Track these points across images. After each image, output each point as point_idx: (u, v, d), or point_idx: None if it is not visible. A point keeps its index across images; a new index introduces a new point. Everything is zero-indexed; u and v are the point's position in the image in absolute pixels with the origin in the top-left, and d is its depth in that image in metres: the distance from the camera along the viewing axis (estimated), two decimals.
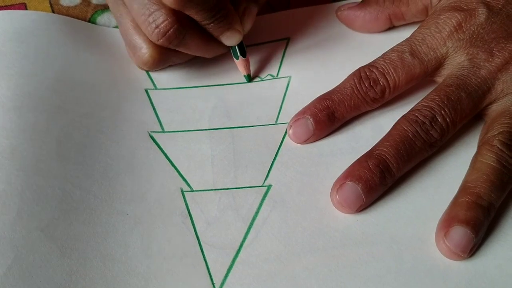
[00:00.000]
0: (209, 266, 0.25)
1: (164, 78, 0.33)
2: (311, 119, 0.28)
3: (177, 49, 0.29)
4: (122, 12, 0.30)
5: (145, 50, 0.30)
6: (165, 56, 0.30)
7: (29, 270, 0.24)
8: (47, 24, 0.33)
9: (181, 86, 0.33)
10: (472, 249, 0.24)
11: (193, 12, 0.28)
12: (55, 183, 0.27)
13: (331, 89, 0.29)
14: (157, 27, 0.28)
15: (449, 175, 0.27)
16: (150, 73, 0.33)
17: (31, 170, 0.27)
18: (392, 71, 0.28)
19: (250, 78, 0.32)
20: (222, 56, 0.33)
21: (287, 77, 0.32)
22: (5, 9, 0.35)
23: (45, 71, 0.31)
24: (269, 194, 0.27)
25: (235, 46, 0.31)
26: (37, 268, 0.24)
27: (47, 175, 0.27)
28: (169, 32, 0.28)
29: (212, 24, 0.29)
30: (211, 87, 0.32)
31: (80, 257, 0.24)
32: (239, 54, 0.31)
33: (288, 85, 0.32)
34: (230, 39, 0.30)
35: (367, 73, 0.29)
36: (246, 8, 0.31)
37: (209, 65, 0.33)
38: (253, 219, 0.26)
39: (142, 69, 0.32)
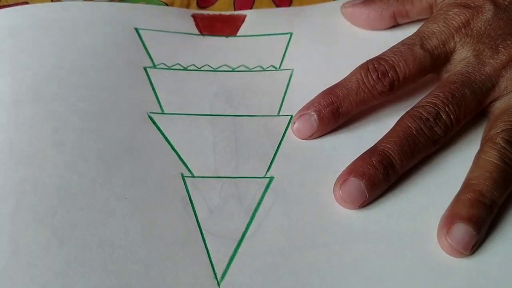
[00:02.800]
0: (211, 255, 0.24)
1: (163, 56, 0.32)
2: (315, 115, 0.28)
3: None
4: None
5: None
6: None
7: (28, 261, 0.23)
8: (44, 14, 0.33)
9: (181, 68, 0.32)
10: (474, 246, 0.24)
11: None
12: (53, 172, 0.26)
13: (336, 82, 0.29)
14: None
15: (451, 172, 0.27)
16: (149, 50, 0.32)
17: (29, 163, 0.27)
18: (403, 63, 0.28)
19: None
20: (227, 41, 0.32)
21: (290, 69, 0.32)
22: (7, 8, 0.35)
23: (42, 60, 0.31)
24: (271, 186, 0.27)
25: None
26: (36, 258, 0.24)
27: (44, 165, 0.26)
28: None
29: None
30: (212, 72, 0.32)
31: (78, 244, 0.24)
32: None
33: (290, 77, 0.32)
34: None
35: (375, 65, 0.28)
36: None
37: (211, 47, 0.33)
38: (255, 210, 0.26)
39: None
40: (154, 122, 0.29)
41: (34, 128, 0.28)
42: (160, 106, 0.30)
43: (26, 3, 0.35)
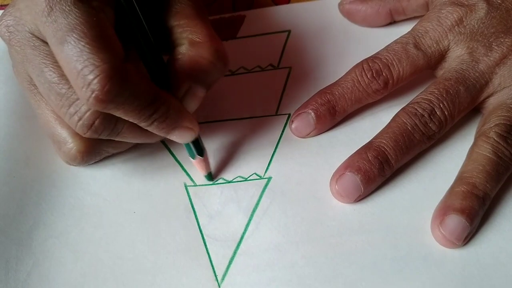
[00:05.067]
0: (212, 259, 0.25)
1: None
2: (312, 114, 0.29)
3: (110, 138, 0.25)
4: (40, 102, 0.26)
5: (70, 145, 0.25)
6: (96, 149, 0.26)
7: (46, 275, 0.25)
8: None
9: None
10: (467, 237, 0.25)
11: (121, 114, 0.23)
12: (68, 192, 0.28)
13: (333, 81, 0.30)
14: (80, 118, 0.23)
15: (445, 166, 0.28)
16: None
17: (45, 181, 0.28)
18: (397, 62, 0.29)
19: (211, 177, 0.28)
20: (226, 45, 0.33)
21: (288, 67, 0.33)
22: None
23: None
24: (269, 186, 0.28)
25: (189, 144, 0.26)
26: (54, 273, 0.25)
27: (60, 185, 0.28)
28: (96, 123, 0.23)
29: (152, 126, 0.24)
30: None
31: (92, 258, 0.26)
32: (195, 153, 0.26)
33: (288, 75, 0.32)
34: (180, 139, 0.25)
35: (370, 64, 0.29)
36: (190, 89, 0.25)
37: None
38: (253, 211, 0.27)
39: (72, 165, 0.28)
40: None
41: (49, 146, 0.28)
42: None
43: None
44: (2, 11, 0.33)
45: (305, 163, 0.28)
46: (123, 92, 0.22)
